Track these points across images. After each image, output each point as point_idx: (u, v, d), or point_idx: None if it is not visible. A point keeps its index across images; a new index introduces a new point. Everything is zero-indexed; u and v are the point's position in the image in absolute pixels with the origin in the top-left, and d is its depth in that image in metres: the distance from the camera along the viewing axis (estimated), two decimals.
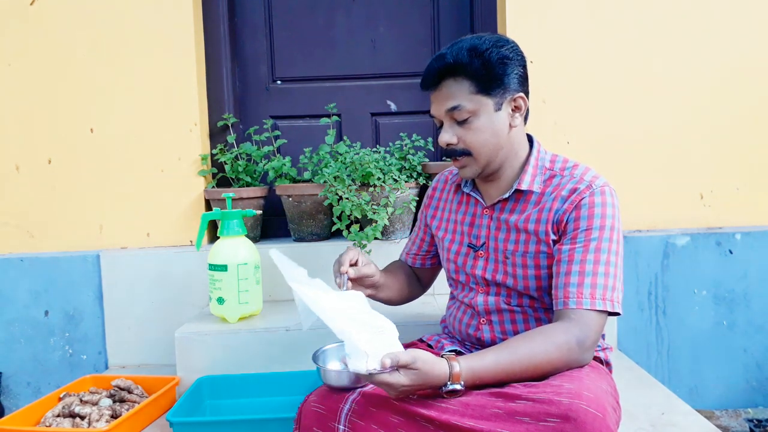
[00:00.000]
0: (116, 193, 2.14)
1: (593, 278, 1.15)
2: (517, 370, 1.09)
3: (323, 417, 1.12)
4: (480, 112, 1.21)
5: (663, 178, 2.14)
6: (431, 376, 1.04)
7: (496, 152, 1.25)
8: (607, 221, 1.19)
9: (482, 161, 1.25)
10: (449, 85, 1.22)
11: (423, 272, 1.58)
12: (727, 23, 2.11)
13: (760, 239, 2.08)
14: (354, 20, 2.34)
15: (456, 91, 1.21)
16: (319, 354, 1.23)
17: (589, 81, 2.12)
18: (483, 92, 1.21)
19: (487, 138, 1.23)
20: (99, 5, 2.10)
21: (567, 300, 1.16)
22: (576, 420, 0.94)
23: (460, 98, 1.21)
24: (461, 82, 1.21)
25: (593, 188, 1.21)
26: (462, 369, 1.06)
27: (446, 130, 1.24)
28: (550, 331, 1.14)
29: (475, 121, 1.22)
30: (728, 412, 2.08)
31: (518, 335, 1.17)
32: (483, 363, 1.08)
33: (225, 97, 2.29)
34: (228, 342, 1.73)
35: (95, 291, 2.11)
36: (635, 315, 2.09)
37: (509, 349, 1.11)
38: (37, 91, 2.12)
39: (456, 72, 1.21)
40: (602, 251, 1.17)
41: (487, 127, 1.22)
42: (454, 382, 1.05)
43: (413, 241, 1.56)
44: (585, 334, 1.13)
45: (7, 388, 2.13)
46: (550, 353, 1.10)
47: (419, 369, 1.03)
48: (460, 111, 1.21)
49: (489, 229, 1.31)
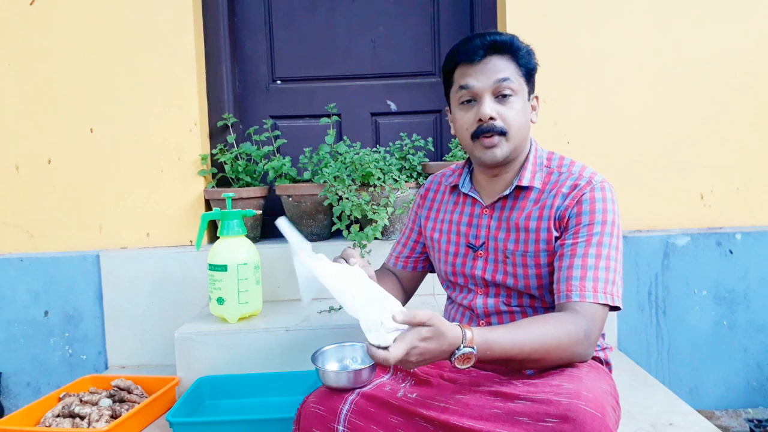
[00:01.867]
0: (116, 193, 2.14)
1: (595, 272, 1.16)
2: (526, 350, 1.08)
3: (323, 418, 1.12)
4: (520, 93, 1.25)
5: (663, 178, 2.14)
6: (447, 336, 1.02)
7: (524, 138, 1.28)
8: (608, 216, 1.20)
9: (513, 143, 1.25)
10: (499, 59, 1.23)
11: (409, 278, 1.51)
12: (727, 23, 2.11)
13: (760, 239, 2.08)
14: (354, 20, 2.34)
15: (505, 66, 1.23)
16: (318, 355, 1.23)
17: (589, 81, 2.12)
18: (525, 77, 1.25)
19: (522, 121, 1.25)
20: (99, 5, 2.11)
21: (570, 293, 1.16)
22: (575, 420, 0.94)
23: (507, 72, 1.23)
24: (509, 61, 1.23)
25: (593, 184, 1.22)
26: (475, 335, 1.05)
27: (487, 104, 1.22)
28: (561, 318, 1.14)
29: (516, 101, 1.24)
30: (728, 412, 2.08)
31: (531, 317, 1.18)
32: (495, 335, 1.07)
33: (225, 97, 2.29)
34: (228, 342, 1.73)
35: (95, 291, 2.11)
36: (635, 315, 2.09)
37: (522, 327, 1.11)
38: (37, 91, 2.13)
39: (506, 50, 1.23)
40: (603, 245, 1.18)
41: (523, 110, 1.25)
42: (468, 345, 1.03)
43: (403, 243, 1.51)
44: (591, 327, 1.13)
45: (7, 388, 2.13)
46: (560, 339, 1.10)
47: (435, 325, 1.01)
48: (509, 84, 1.22)
49: (489, 229, 1.31)
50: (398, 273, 1.52)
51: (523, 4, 2.10)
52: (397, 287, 1.49)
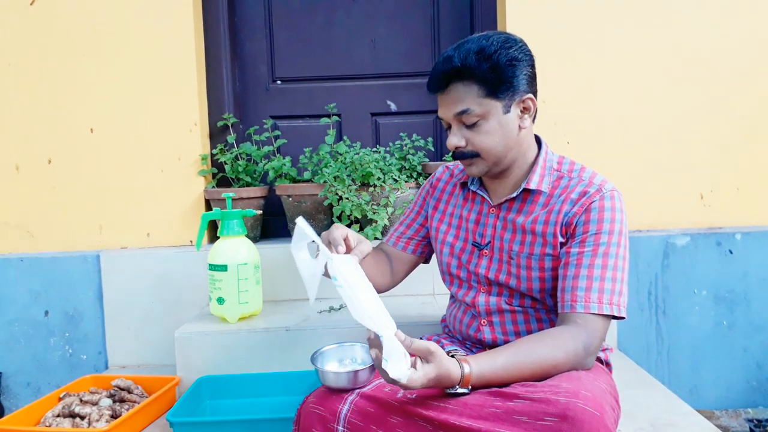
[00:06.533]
0: (116, 193, 2.15)
1: (601, 283, 1.15)
2: (525, 374, 1.09)
3: (322, 418, 1.12)
4: (489, 115, 1.20)
5: (663, 178, 2.14)
6: (445, 374, 1.03)
7: (506, 153, 1.24)
8: (615, 226, 1.18)
9: (490, 162, 1.24)
10: (457, 88, 1.19)
11: (404, 261, 1.49)
12: (727, 23, 2.11)
13: (760, 239, 2.08)
14: (354, 20, 2.34)
15: (464, 95, 1.19)
16: (318, 355, 1.23)
17: (590, 81, 2.12)
18: (491, 95, 1.18)
19: (497, 140, 1.21)
20: (99, 5, 2.11)
21: (574, 304, 1.15)
22: (574, 419, 0.94)
23: (468, 102, 1.19)
24: (469, 86, 1.18)
25: (603, 192, 1.21)
26: (472, 372, 1.06)
27: (455, 134, 1.22)
28: (559, 335, 1.13)
29: (484, 124, 1.20)
30: (728, 412, 2.08)
31: (528, 337, 1.16)
32: (493, 367, 1.08)
33: (225, 97, 2.29)
34: (228, 342, 1.73)
35: (95, 291, 2.12)
36: (635, 315, 2.09)
37: (519, 353, 1.10)
38: (37, 91, 2.13)
39: (464, 76, 1.18)
40: (610, 256, 1.17)
41: (495, 130, 1.21)
42: (464, 386, 1.06)
43: (407, 224, 1.49)
44: (591, 340, 1.13)
45: (7, 388, 2.13)
46: (557, 358, 1.10)
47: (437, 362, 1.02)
48: (469, 115, 1.19)
49: (495, 229, 1.31)
50: (393, 254, 1.49)
51: (523, 4, 2.10)
52: (386, 270, 1.47)
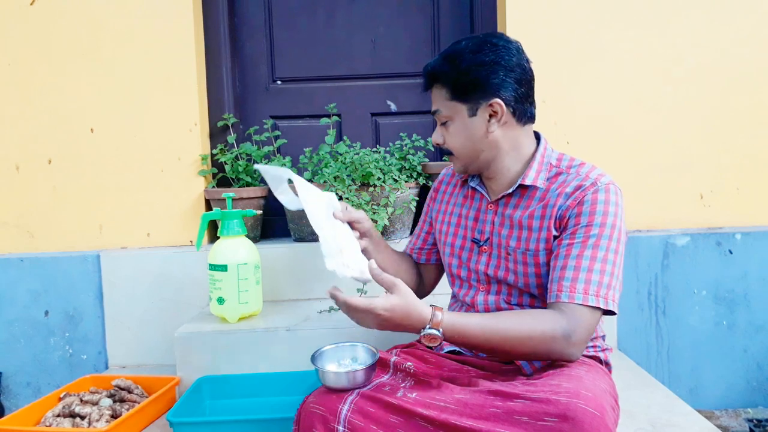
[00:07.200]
0: (116, 193, 2.15)
1: (588, 274, 1.15)
2: (496, 339, 1.12)
3: (322, 418, 1.12)
4: (456, 117, 1.27)
5: (663, 178, 2.14)
6: (413, 311, 1.10)
7: (476, 154, 1.29)
8: (608, 219, 1.18)
9: (462, 161, 1.32)
10: (434, 90, 1.30)
11: (427, 270, 1.56)
12: (727, 23, 2.11)
13: (760, 239, 2.08)
14: (354, 20, 2.34)
15: (437, 97, 1.29)
16: (318, 355, 1.23)
17: (589, 81, 2.12)
18: (456, 99, 1.26)
19: (463, 142, 1.29)
20: (99, 5, 2.11)
21: (559, 293, 1.16)
22: (574, 419, 0.94)
23: (438, 103, 1.29)
24: (440, 89, 1.28)
25: (598, 185, 1.21)
26: (444, 319, 1.10)
27: (436, 131, 1.33)
28: (539, 315, 1.16)
29: (451, 125, 1.29)
30: (728, 412, 2.08)
31: (508, 310, 1.23)
32: (465, 320, 1.12)
33: (225, 97, 2.29)
34: (228, 342, 1.73)
35: (95, 291, 2.12)
36: (635, 315, 2.09)
37: (495, 317, 1.16)
38: (37, 90, 2.13)
39: (437, 78, 1.28)
40: (600, 248, 1.17)
41: (461, 132, 1.28)
42: (434, 327, 1.10)
43: (417, 235, 1.56)
44: (572, 328, 1.12)
45: (7, 388, 2.13)
46: (532, 335, 1.12)
47: (401, 294, 1.10)
48: (439, 116, 1.30)
49: (493, 225, 1.32)
50: (418, 265, 1.58)
51: (522, 4, 2.10)
52: (413, 277, 1.54)
